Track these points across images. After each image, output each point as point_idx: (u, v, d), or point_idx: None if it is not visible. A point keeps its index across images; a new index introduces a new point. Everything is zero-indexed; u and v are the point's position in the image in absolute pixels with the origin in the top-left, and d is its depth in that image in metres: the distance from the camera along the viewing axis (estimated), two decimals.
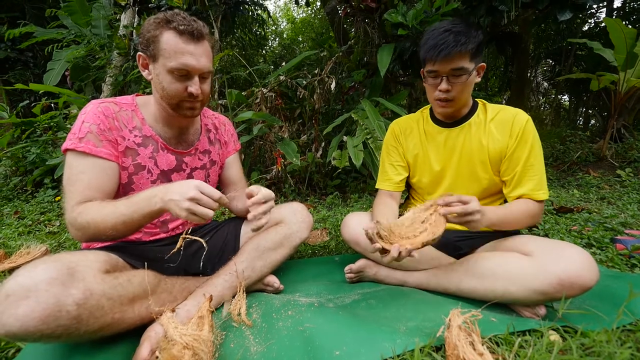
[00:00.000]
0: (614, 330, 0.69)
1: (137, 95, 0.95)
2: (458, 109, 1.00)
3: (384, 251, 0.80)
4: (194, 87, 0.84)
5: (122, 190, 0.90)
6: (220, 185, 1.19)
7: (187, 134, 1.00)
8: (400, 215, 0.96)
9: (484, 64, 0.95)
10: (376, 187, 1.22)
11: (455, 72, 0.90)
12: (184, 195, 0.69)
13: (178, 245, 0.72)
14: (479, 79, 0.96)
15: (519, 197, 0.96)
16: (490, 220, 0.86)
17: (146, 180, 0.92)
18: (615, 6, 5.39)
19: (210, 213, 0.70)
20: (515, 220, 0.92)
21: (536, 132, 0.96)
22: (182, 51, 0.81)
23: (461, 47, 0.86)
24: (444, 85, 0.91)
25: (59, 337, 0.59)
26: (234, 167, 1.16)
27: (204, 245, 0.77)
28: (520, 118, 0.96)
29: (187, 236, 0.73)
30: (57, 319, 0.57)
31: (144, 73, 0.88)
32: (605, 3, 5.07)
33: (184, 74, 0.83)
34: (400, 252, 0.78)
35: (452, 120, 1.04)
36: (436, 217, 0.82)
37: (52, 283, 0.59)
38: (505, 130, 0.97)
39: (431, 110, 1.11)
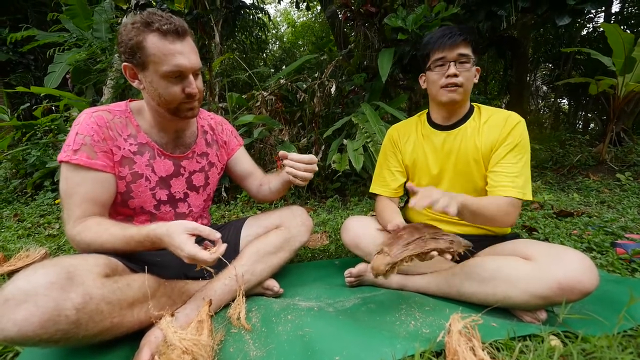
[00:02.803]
0: (615, 336, 0.69)
1: (130, 101, 0.94)
2: (459, 105, 1.03)
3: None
4: (191, 87, 0.83)
5: (120, 199, 0.90)
6: (238, 180, 1.19)
7: (184, 137, 0.99)
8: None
9: (479, 67, 1.01)
10: (370, 191, 1.22)
11: (462, 59, 0.95)
12: (181, 253, 0.73)
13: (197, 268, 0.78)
14: (475, 81, 1.01)
15: (492, 191, 0.97)
16: (461, 203, 0.80)
17: (145, 188, 0.91)
18: (613, 11, 5.44)
19: (211, 260, 0.74)
20: (486, 210, 0.89)
21: (526, 135, 0.98)
22: (171, 52, 0.78)
23: (465, 36, 0.95)
24: (452, 70, 0.96)
25: (58, 342, 0.59)
26: (244, 160, 1.16)
27: (212, 273, 0.84)
28: (513, 119, 0.99)
29: (209, 269, 0.79)
30: (56, 324, 0.57)
31: (134, 84, 0.85)
32: (603, 8, 5.11)
33: (178, 76, 0.81)
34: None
35: (449, 122, 1.06)
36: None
37: (51, 287, 0.58)
38: (497, 129, 1.00)
39: (428, 114, 1.13)
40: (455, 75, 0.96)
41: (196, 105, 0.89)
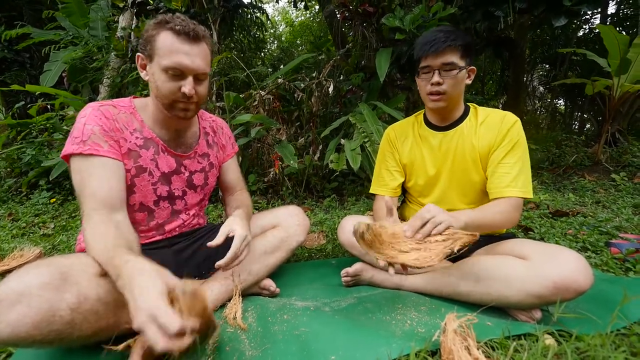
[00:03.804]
0: (609, 334, 0.69)
1: (134, 98, 0.94)
2: (449, 109, 1.03)
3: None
4: (187, 87, 0.82)
5: None
6: (220, 188, 1.18)
7: (185, 136, 0.99)
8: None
9: (474, 67, 1.00)
10: (370, 191, 1.23)
11: (446, 67, 0.94)
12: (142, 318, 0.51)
13: None
14: (469, 81, 1.01)
15: (494, 193, 0.97)
16: (462, 222, 0.83)
17: (147, 182, 0.91)
18: (609, 12, 5.48)
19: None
20: (491, 219, 0.91)
21: (523, 134, 0.99)
22: (176, 50, 0.80)
23: (451, 42, 0.92)
24: (435, 78, 0.95)
25: (52, 343, 0.59)
26: (232, 171, 1.16)
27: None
28: (509, 119, 1.00)
29: None
30: (50, 324, 0.57)
31: (142, 74, 0.88)
32: (599, 10, 5.15)
33: (177, 74, 0.81)
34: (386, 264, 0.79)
35: (445, 123, 1.07)
36: (431, 248, 0.78)
37: (45, 288, 0.58)
38: (494, 129, 1.00)
39: (425, 115, 1.13)
40: (439, 84, 0.96)
41: (191, 108, 0.88)
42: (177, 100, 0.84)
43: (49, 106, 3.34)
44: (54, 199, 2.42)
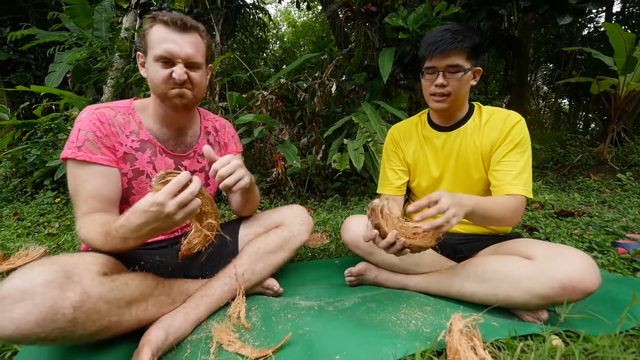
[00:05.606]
0: (617, 335, 0.68)
1: (135, 99, 0.95)
2: (453, 110, 1.02)
3: (381, 234, 0.78)
4: (176, 71, 0.83)
5: (122, 195, 0.90)
6: None
7: (186, 135, 0.99)
8: None
9: (480, 68, 0.98)
10: (377, 191, 1.23)
11: (451, 69, 0.93)
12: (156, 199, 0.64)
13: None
14: (474, 83, 0.99)
15: (497, 190, 0.96)
16: (469, 208, 0.80)
17: (145, 185, 0.91)
18: (614, 11, 5.43)
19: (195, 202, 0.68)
20: (496, 210, 0.88)
21: (527, 133, 0.98)
22: (165, 39, 0.82)
23: (457, 44, 0.90)
24: (439, 80, 0.94)
25: (55, 340, 0.59)
26: None
27: (229, 239, 0.82)
28: (512, 118, 0.99)
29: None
30: (53, 322, 0.57)
31: (142, 72, 0.89)
32: (604, 8, 5.10)
33: (166, 61, 0.83)
34: (396, 241, 0.76)
35: (449, 124, 1.06)
36: (425, 235, 0.80)
37: (49, 286, 0.58)
38: (497, 128, 0.99)
39: (429, 115, 1.12)
40: (443, 86, 0.94)
41: (186, 94, 0.87)
42: (170, 87, 0.85)
43: (53, 107, 3.36)
44: (59, 199, 2.44)
